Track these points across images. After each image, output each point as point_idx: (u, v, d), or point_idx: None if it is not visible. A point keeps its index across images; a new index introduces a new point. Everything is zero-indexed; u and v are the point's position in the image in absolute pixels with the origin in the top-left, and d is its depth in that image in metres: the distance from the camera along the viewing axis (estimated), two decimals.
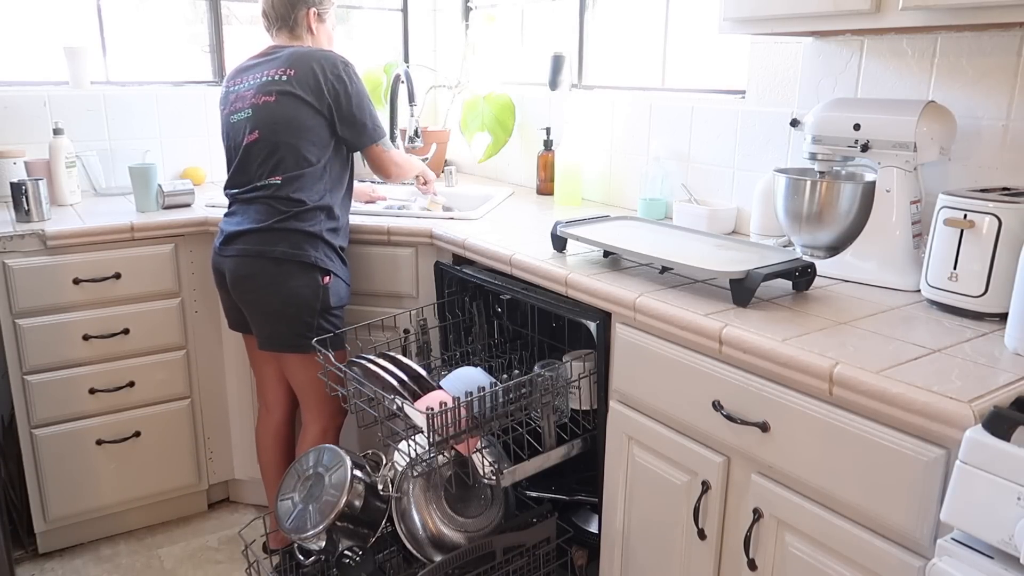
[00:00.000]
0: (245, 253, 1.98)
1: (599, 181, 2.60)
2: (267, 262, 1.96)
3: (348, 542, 1.79)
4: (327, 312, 2.02)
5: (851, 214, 1.67)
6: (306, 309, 1.98)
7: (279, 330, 2.01)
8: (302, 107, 1.96)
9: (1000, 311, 1.37)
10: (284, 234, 1.96)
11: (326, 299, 2.00)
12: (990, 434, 1.00)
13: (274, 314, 2.00)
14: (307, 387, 2.09)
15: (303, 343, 1.99)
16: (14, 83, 2.60)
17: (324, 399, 2.08)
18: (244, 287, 2.01)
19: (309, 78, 1.97)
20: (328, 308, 2.01)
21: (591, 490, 1.97)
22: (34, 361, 2.16)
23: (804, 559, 1.31)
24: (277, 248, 1.95)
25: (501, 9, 3.05)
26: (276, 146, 1.97)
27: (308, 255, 1.97)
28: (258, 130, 1.98)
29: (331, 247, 2.02)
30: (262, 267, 1.96)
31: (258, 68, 2.04)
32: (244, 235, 1.98)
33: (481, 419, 1.65)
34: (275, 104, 1.97)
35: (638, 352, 1.58)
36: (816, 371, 1.22)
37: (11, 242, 2.09)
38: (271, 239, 1.96)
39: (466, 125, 2.93)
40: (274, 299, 1.98)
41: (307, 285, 1.97)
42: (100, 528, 2.40)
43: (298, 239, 1.96)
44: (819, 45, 1.90)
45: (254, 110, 1.99)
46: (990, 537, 0.99)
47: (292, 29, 2.08)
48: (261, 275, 1.97)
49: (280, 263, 1.96)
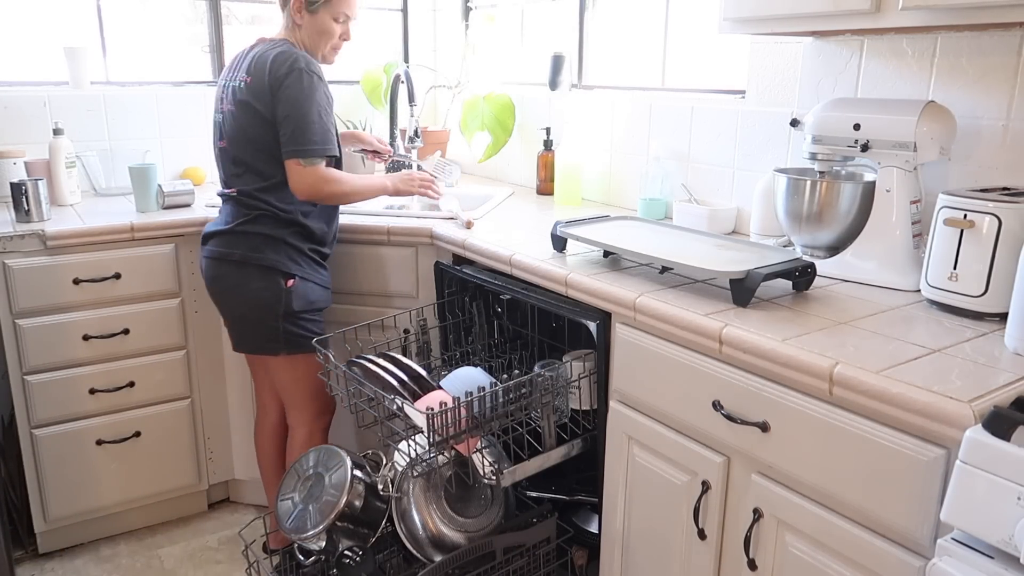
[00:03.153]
0: (212, 255, 1.99)
1: (599, 181, 2.60)
2: (229, 265, 1.96)
3: (348, 542, 1.79)
4: (293, 316, 1.97)
5: (851, 214, 1.67)
6: (268, 313, 1.95)
7: (246, 332, 2.01)
8: (255, 119, 1.89)
9: (1000, 311, 1.37)
10: (244, 237, 1.94)
11: (288, 302, 1.95)
12: (990, 434, 1.00)
13: (240, 317, 2.01)
14: (286, 389, 2.08)
15: (271, 346, 1.98)
16: (14, 83, 2.60)
17: (305, 401, 2.07)
18: (212, 289, 2.03)
19: (260, 82, 1.88)
20: (292, 312, 1.96)
21: (591, 490, 1.97)
22: (34, 361, 2.16)
23: (804, 559, 1.31)
24: (236, 251, 1.94)
25: (501, 9, 3.05)
26: (235, 158, 1.96)
27: (266, 258, 1.93)
28: (225, 139, 1.98)
29: (296, 249, 1.97)
30: (226, 270, 1.97)
31: (238, 67, 1.96)
32: (214, 236, 2.00)
33: (481, 419, 1.65)
34: (235, 115, 1.93)
35: (638, 352, 1.58)
36: (816, 371, 1.22)
37: (11, 242, 2.09)
38: (232, 241, 1.95)
39: (466, 125, 2.93)
40: (237, 302, 1.99)
41: (267, 288, 1.94)
42: (100, 528, 2.40)
43: (257, 242, 1.94)
44: (819, 45, 1.90)
45: (223, 117, 1.97)
46: (990, 537, 0.99)
47: (283, 11, 1.97)
48: (225, 278, 1.98)
49: (241, 266, 1.94)
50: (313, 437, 2.11)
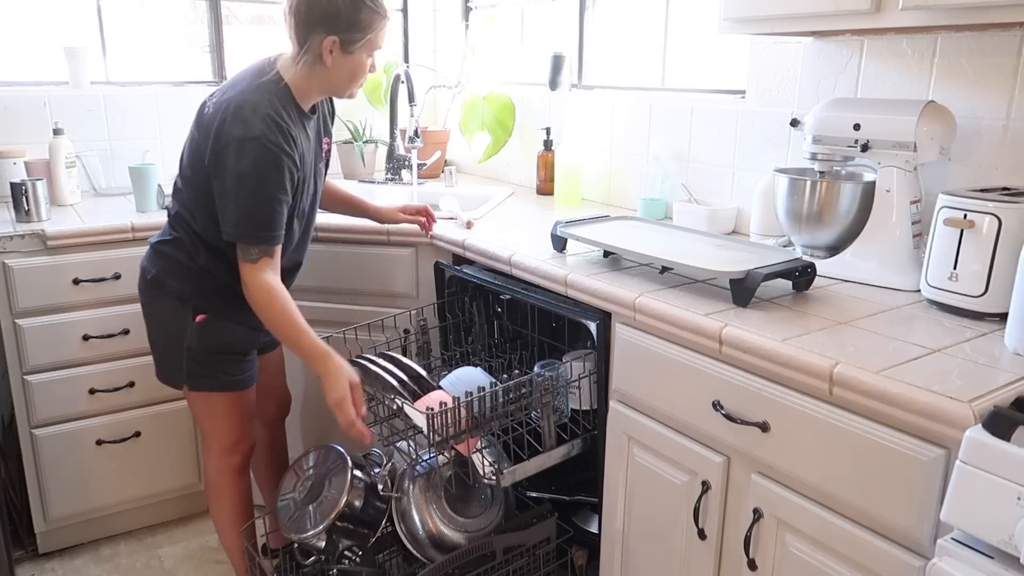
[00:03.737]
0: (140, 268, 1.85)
1: (599, 181, 2.60)
2: (145, 283, 1.81)
3: (348, 542, 1.79)
4: (202, 355, 1.76)
5: (851, 214, 1.67)
6: (172, 343, 1.77)
7: (155, 357, 1.85)
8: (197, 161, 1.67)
9: (1000, 311, 1.37)
10: (160, 257, 1.77)
11: (194, 339, 1.75)
12: (990, 434, 1.00)
13: (150, 340, 1.86)
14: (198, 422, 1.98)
15: (175, 376, 1.81)
16: (14, 83, 2.60)
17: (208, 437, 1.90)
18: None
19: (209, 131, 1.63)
20: (203, 351, 1.76)
21: (591, 490, 1.97)
22: (34, 361, 2.16)
23: (804, 559, 1.31)
24: (152, 270, 1.78)
25: (501, 9, 3.05)
26: (180, 171, 1.78)
27: (172, 286, 1.75)
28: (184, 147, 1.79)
29: (217, 283, 1.74)
30: (142, 286, 1.82)
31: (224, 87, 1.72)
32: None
33: (481, 419, 1.65)
34: (188, 141, 1.75)
35: (638, 352, 1.58)
36: (816, 371, 1.22)
37: (11, 242, 2.09)
38: (151, 258, 1.80)
39: (466, 125, 2.93)
40: (148, 323, 1.84)
41: (173, 319, 1.76)
42: (100, 528, 2.40)
43: (170, 266, 1.75)
44: (819, 45, 1.90)
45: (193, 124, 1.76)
46: (990, 537, 0.99)
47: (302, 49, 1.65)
48: (141, 294, 1.83)
49: (153, 286, 1.78)
50: (221, 474, 1.91)
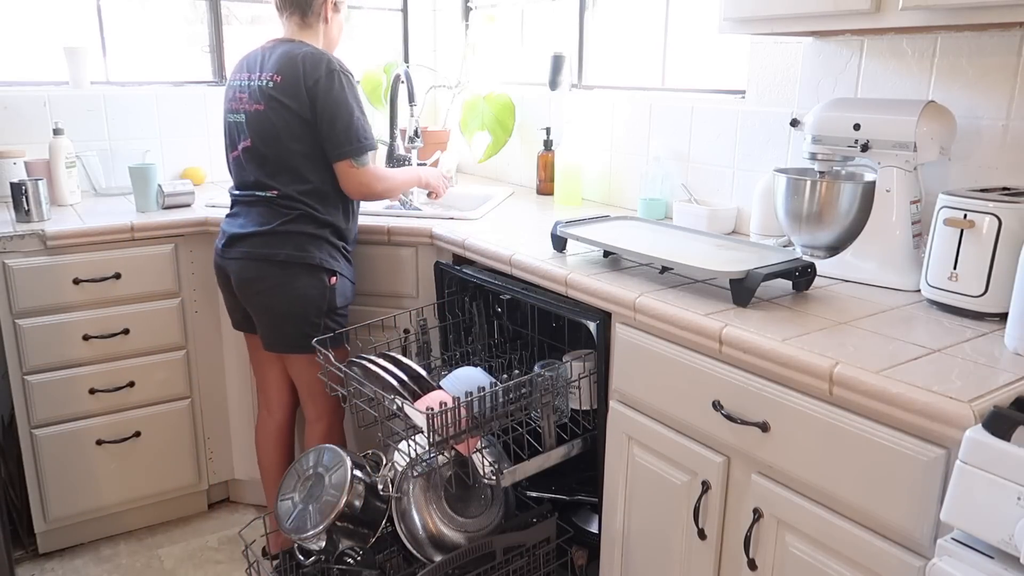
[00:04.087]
0: (250, 256, 1.98)
1: (599, 181, 2.60)
2: (272, 265, 1.96)
3: (348, 542, 1.79)
4: (333, 312, 2.02)
5: (851, 214, 1.67)
6: (313, 310, 1.99)
7: (285, 331, 2.01)
8: (291, 118, 1.92)
9: (1000, 311, 1.37)
10: (288, 236, 1.96)
11: (332, 299, 2.01)
12: (990, 434, 1.00)
13: (280, 316, 2.00)
14: (312, 384, 2.09)
15: (308, 343, 1.99)
16: (14, 83, 2.60)
17: (329, 396, 2.08)
18: (251, 290, 2.01)
19: (293, 81, 1.91)
20: (334, 308, 2.02)
21: (591, 490, 1.97)
22: (34, 361, 2.16)
23: (804, 559, 1.31)
24: (282, 251, 1.95)
25: (501, 9, 3.05)
26: (266, 158, 1.96)
27: (313, 257, 1.97)
28: (251, 138, 1.97)
29: (335, 247, 2.02)
30: (268, 270, 1.97)
31: (256, 65, 1.98)
32: (248, 238, 1.98)
33: (481, 419, 1.65)
34: (264, 114, 1.94)
35: (638, 352, 1.58)
36: (816, 371, 1.22)
37: (11, 242, 2.09)
38: (275, 242, 1.96)
39: (466, 125, 2.93)
40: (281, 301, 1.98)
41: (313, 286, 1.98)
42: (100, 528, 2.40)
43: (302, 241, 1.96)
44: (819, 45, 1.90)
45: (247, 117, 1.97)
46: (990, 537, 0.99)
47: (305, 16, 2.00)
48: (267, 278, 1.97)
49: (286, 266, 1.96)
50: (333, 428, 2.14)
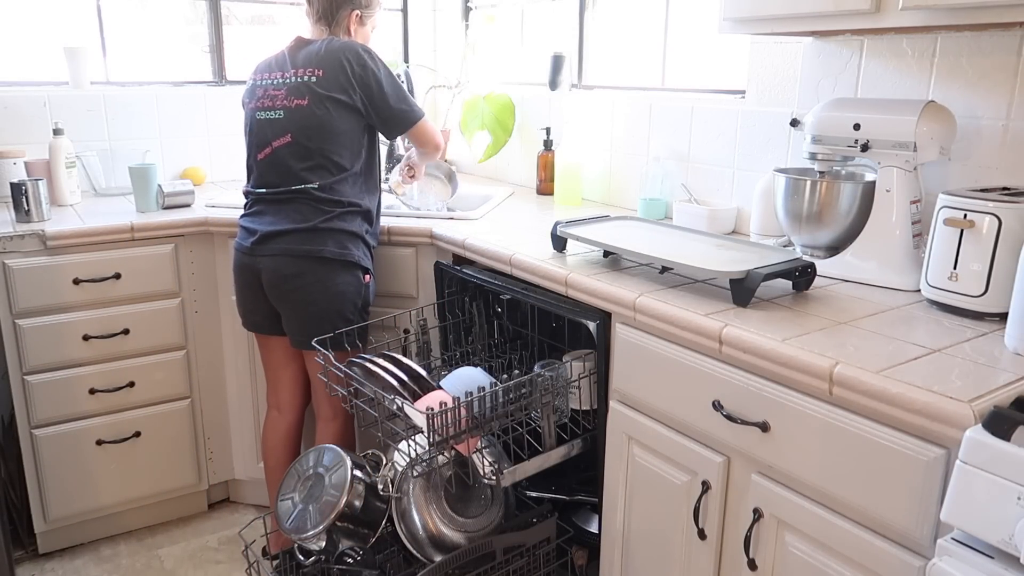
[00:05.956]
0: (288, 252, 1.97)
1: (599, 181, 2.60)
2: (313, 261, 1.97)
3: (348, 542, 1.79)
4: (365, 309, 2.08)
5: (851, 214, 1.67)
6: (349, 306, 2.03)
7: (322, 328, 1.99)
8: (336, 108, 1.98)
9: (1000, 311, 1.37)
10: (330, 234, 1.98)
11: (366, 296, 2.07)
12: (990, 434, 1.01)
13: (317, 312, 2.01)
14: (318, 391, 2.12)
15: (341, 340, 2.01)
16: (14, 83, 2.60)
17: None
18: (287, 286, 2.00)
19: (338, 74, 1.97)
20: (367, 305, 2.09)
21: (591, 490, 1.97)
22: (34, 361, 2.16)
23: (804, 559, 1.31)
24: (325, 248, 1.97)
25: (501, 9, 3.05)
26: (310, 151, 1.98)
27: (353, 254, 2.01)
28: (291, 133, 1.98)
29: (368, 246, 2.07)
30: (308, 266, 1.97)
31: (288, 64, 2.03)
32: (285, 235, 1.97)
33: (481, 419, 1.65)
34: (308, 108, 1.97)
35: (638, 352, 1.58)
36: (816, 371, 1.22)
37: (11, 242, 2.09)
38: (317, 239, 1.97)
39: (466, 125, 2.93)
40: (321, 297, 1.99)
41: (351, 283, 2.02)
42: (100, 528, 2.40)
43: (343, 238, 2.00)
44: (819, 45, 1.90)
45: (287, 113, 1.99)
46: (990, 537, 0.99)
47: (331, 26, 2.09)
48: (307, 274, 1.98)
49: (327, 262, 1.98)
50: (347, 427, 2.17)
